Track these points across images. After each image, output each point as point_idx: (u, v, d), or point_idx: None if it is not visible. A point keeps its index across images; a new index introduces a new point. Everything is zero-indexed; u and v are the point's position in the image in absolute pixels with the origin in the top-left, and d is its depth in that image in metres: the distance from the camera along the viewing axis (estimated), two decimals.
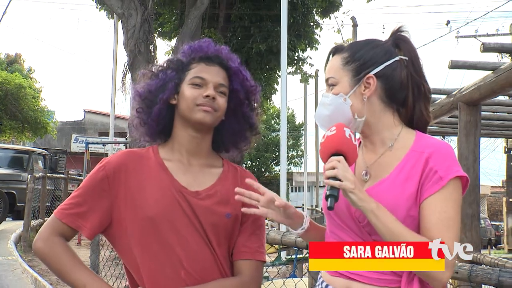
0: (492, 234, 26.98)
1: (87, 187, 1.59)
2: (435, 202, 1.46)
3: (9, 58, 33.37)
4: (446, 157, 1.49)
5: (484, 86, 5.06)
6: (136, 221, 1.55)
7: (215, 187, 1.62)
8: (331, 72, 1.61)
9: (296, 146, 38.24)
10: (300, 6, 14.86)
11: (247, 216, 1.63)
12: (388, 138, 1.57)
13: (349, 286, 1.52)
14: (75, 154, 25.06)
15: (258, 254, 1.63)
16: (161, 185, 1.58)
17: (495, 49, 5.09)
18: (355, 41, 1.67)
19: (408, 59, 1.58)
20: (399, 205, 1.47)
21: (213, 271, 1.56)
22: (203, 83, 1.59)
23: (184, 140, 1.63)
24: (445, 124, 7.73)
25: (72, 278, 1.55)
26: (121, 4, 9.88)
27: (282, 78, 8.34)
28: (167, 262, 1.53)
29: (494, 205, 35.22)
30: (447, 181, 1.46)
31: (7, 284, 6.37)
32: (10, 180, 13.11)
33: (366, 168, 1.58)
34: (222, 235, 1.59)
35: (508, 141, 22.70)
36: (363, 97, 1.56)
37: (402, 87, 1.57)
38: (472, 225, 5.23)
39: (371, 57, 1.58)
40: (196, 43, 1.67)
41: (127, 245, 1.57)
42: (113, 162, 1.61)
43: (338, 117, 1.56)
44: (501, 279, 2.01)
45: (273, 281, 4.85)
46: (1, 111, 22.30)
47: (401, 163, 1.52)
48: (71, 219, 1.58)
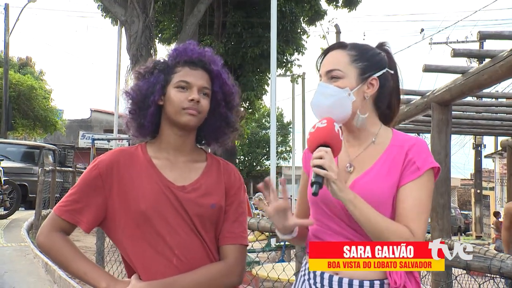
0: (461, 222, 27.16)
1: (82, 185, 1.59)
2: (411, 189, 1.48)
3: (21, 62, 33.14)
4: (422, 150, 1.52)
5: (454, 88, 5.09)
6: (129, 214, 1.55)
7: (200, 181, 1.62)
8: (337, 65, 1.56)
9: (285, 143, 38.30)
10: (288, 14, 14.88)
11: (230, 205, 1.64)
12: (372, 133, 1.59)
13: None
14: (82, 149, 24.96)
15: (241, 239, 1.64)
16: (150, 181, 1.57)
17: (464, 54, 5.11)
18: (357, 43, 1.63)
19: (394, 72, 1.62)
20: (384, 193, 1.48)
21: (202, 257, 1.57)
22: (188, 86, 1.58)
23: (170, 138, 1.62)
24: (419, 123, 7.77)
25: (74, 268, 1.55)
26: (124, 12, 9.84)
27: (271, 79, 8.32)
28: (160, 251, 1.53)
29: (464, 196, 35.45)
30: (424, 171, 1.49)
31: (20, 268, 6.34)
32: (22, 173, 13.03)
33: (350, 161, 1.58)
34: (208, 224, 1.59)
35: (476, 138, 22.85)
36: (365, 95, 1.55)
37: (388, 93, 1.60)
38: (443, 214, 5.26)
39: (376, 61, 1.58)
40: (181, 46, 1.65)
41: (121, 237, 1.57)
42: (106, 161, 1.60)
43: (338, 109, 1.53)
44: (469, 262, 2.03)
45: (264, 265, 4.87)
46: (14, 110, 22.15)
47: (383, 155, 1.54)
48: (69, 215, 1.57)
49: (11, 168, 12.17)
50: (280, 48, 14.24)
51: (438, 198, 5.23)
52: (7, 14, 22.29)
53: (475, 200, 23.90)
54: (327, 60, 1.59)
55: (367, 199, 1.45)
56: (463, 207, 32.95)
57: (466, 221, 28.10)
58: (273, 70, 7.64)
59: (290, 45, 15.64)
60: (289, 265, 3.72)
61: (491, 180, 26.36)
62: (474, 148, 23.93)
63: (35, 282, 5.76)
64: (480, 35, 4.31)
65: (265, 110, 34.49)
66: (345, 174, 1.56)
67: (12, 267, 6.30)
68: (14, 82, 22.47)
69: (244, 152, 36.19)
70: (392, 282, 1.44)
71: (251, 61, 14.95)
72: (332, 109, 1.52)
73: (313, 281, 1.56)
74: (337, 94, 1.52)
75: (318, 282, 1.54)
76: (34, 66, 33.78)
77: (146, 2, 9.88)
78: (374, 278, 1.47)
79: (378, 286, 1.47)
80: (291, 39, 15.49)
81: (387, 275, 1.45)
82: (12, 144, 15.21)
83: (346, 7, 16.18)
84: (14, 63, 30.64)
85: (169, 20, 16.20)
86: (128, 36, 9.89)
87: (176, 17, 15.61)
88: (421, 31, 24.63)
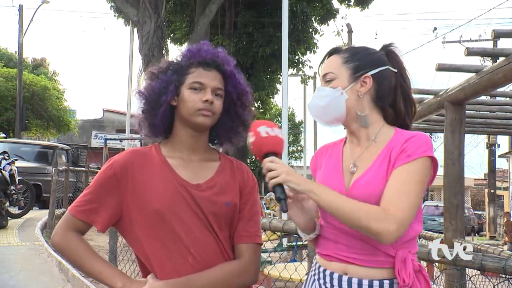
0: (475, 222, 26.93)
1: (97, 185, 1.59)
2: (398, 173, 1.46)
3: (35, 62, 33.46)
4: (419, 141, 1.49)
5: (468, 87, 5.04)
6: (144, 213, 1.55)
7: (214, 179, 1.62)
8: (330, 68, 1.61)
9: (296, 142, 38.26)
10: (300, 13, 14.84)
11: (244, 204, 1.65)
12: (372, 132, 1.59)
13: (345, 269, 1.51)
14: (95, 149, 25.12)
15: (256, 238, 1.64)
16: (165, 180, 1.57)
17: (478, 53, 5.04)
18: (353, 46, 1.69)
19: (397, 71, 1.62)
20: (381, 193, 1.46)
21: (217, 256, 1.57)
22: (202, 87, 1.59)
23: (184, 138, 1.63)
24: (432, 122, 7.71)
25: (89, 268, 1.55)
26: (137, 13, 9.90)
27: (283, 79, 8.32)
28: (175, 249, 1.53)
29: (477, 196, 35.14)
30: (414, 158, 1.46)
31: (33, 267, 6.40)
32: (36, 173, 13.16)
33: (353, 161, 1.59)
34: (223, 222, 1.60)
35: (490, 137, 22.63)
36: (359, 94, 1.57)
37: (390, 92, 1.60)
38: (457, 214, 5.21)
39: (369, 60, 1.60)
40: (195, 47, 1.65)
41: (137, 236, 1.57)
42: (120, 161, 1.60)
43: (332, 109, 1.57)
44: (483, 263, 2.01)
45: (276, 265, 4.86)
46: (28, 110, 22.38)
47: (381, 153, 1.53)
48: (85, 215, 1.58)
49: (25, 168, 12.30)
50: (291, 47, 14.22)
51: (451, 198, 5.18)
52: (21, 15, 22.52)
53: (489, 200, 23.68)
54: (324, 65, 1.65)
55: (366, 200, 1.44)
56: (477, 207, 32.68)
57: (479, 221, 27.87)
58: (284, 70, 7.63)
59: (301, 44, 15.61)
60: (301, 265, 3.71)
61: (505, 180, 26.12)
62: (487, 147, 23.72)
63: (49, 281, 5.81)
64: (494, 33, 4.26)
65: (276, 110, 34.48)
66: (349, 175, 1.56)
67: (26, 266, 6.36)
68: (28, 83, 22.71)
69: None
70: (400, 281, 1.44)
71: (262, 61, 14.95)
72: (327, 109, 1.58)
73: (323, 281, 1.56)
74: (330, 94, 1.57)
75: (328, 282, 1.54)
76: (48, 67, 34.08)
77: (158, 2, 9.93)
78: (383, 277, 1.47)
79: (388, 285, 1.47)
80: (303, 39, 15.47)
81: (396, 274, 1.45)
82: (26, 144, 15.38)
83: (358, 6, 16.11)
84: (28, 64, 30.95)
85: (180, 20, 16.26)
86: (140, 36, 9.95)
87: (188, 17, 15.66)
88: (434, 29, 24.50)
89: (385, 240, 1.39)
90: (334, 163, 1.63)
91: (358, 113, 1.57)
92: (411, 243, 1.51)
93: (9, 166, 9.13)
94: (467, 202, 30.42)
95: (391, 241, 1.39)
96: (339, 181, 1.56)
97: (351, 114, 1.58)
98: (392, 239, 1.39)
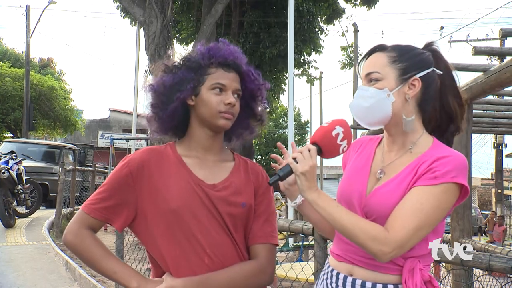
0: (482, 222, 26.79)
1: (113, 183, 1.56)
2: (418, 193, 1.38)
3: (42, 62, 33.64)
4: (450, 164, 1.39)
5: (475, 87, 5.02)
6: (161, 213, 1.53)
7: (230, 179, 1.61)
8: (375, 67, 1.51)
9: (302, 142, 38.19)
10: (305, 13, 14.80)
11: (259, 204, 1.63)
12: (410, 141, 1.51)
13: (351, 270, 1.51)
14: (101, 149, 25.20)
15: (272, 238, 1.63)
16: (181, 179, 1.56)
17: (485, 52, 5.02)
18: (398, 44, 1.57)
19: (445, 71, 1.53)
20: (396, 204, 1.41)
21: (233, 256, 1.56)
22: (224, 89, 1.57)
23: (200, 138, 1.61)
24: None
25: (103, 267, 1.53)
26: (143, 13, 9.92)
27: (289, 79, 8.32)
28: (191, 249, 1.52)
29: (484, 196, 34.95)
30: (441, 182, 1.37)
31: (41, 266, 6.43)
32: (43, 173, 13.24)
33: (382, 167, 1.53)
34: (238, 223, 1.58)
35: (497, 137, 22.51)
36: (406, 97, 1.48)
37: (435, 95, 1.52)
38: (464, 214, 5.19)
39: (418, 61, 1.51)
40: (214, 46, 1.61)
41: (152, 236, 1.55)
42: (136, 159, 1.58)
43: (377, 111, 1.49)
44: (491, 263, 2.00)
45: (282, 265, 4.86)
46: (35, 110, 22.48)
47: (410, 165, 1.46)
48: (99, 213, 1.55)
49: (32, 167, 12.38)
50: (297, 48, 14.20)
51: None
52: (28, 16, 22.62)
53: (496, 200, 23.55)
54: (367, 64, 1.55)
55: (380, 210, 1.42)
56: (484, 207, 32.50)
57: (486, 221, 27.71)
58: (290, 70, 7.63)
59: (307, 44, 15.57)
60: (307, 265, 3.70)
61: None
62: (494, 147, 23.56)
63: (56, 280, 5.84)
64: (502, 32, 4.24)
65: (282, 110, 34.47)
66: (374, 180, 1.52)
67: (33, 265, 6.40)
68: (35, 83, 22.80)
69: (261, 151, 36.19)
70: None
71: (268, 61, 14.92)
72: (371, 110, 1.49)
73: (330, 281, 1.57)
74: (375, 95, 1.48)
75: (334, 282, 1.55)
76: (55, 67, 34.23)
77: (164, 2, 9.95)
78: (388, 282, 1.45)
79: None
80: (309, 39, 15.42)
81: (403, 283, 1.41)
82: (33, 144, 15.46)
83: (364, 5, 16.05)
84: (35, 64, 31.10)
85: (187, 20, 16.27)
86: (146, 36, 9.97)
87: (194, 17, 15.67)
88: (441, 28, 24.37)
89: (379, 260, 1.38)
90: (363, 163, 1.58)
91: (404, 117, 1.49)
92: (424, 257, 1.46)
93: (17, 166, 9.18)
94: (474, 202, 30.28)
95: (386, 261, 1.38)
96: (362, 185, 1.52)
97: (396, 118, 1.49)
98: (386, 260, 1.37)
